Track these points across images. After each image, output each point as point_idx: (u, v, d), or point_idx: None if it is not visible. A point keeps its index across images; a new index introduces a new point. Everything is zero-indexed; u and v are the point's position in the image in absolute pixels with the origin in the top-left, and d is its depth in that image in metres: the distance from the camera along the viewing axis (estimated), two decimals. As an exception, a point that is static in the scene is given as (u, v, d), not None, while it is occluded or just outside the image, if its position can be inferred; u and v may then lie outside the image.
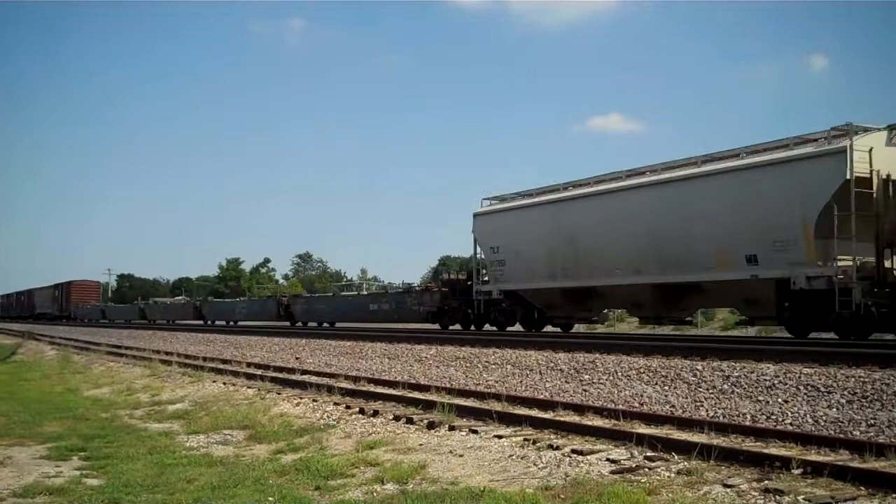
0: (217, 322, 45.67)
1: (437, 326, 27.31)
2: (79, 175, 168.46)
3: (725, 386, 10.59)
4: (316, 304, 37.56)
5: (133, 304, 67.02)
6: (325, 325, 35.21)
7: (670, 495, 5.98)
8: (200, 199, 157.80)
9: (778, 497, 5.68)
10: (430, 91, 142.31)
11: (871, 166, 14.68)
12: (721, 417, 9.13)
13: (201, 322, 47.07)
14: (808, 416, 8.79)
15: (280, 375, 15.54)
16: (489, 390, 11.76)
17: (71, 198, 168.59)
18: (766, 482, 6.03)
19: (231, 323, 43.83)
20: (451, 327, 26.63)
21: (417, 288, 32.11)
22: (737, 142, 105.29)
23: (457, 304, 26.14)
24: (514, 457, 7.60)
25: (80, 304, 70.52)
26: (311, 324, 36.29)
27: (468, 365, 15.10)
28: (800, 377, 10.31)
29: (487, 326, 25.36)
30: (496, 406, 10.10)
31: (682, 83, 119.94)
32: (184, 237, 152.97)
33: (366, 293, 39.57)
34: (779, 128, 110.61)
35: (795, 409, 9.14)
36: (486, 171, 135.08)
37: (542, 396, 11.31)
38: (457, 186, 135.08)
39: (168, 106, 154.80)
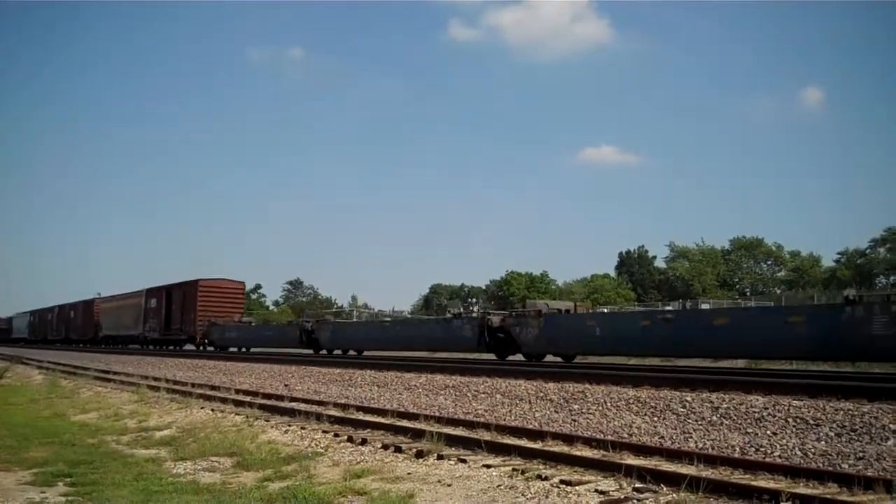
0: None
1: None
2: (62, 197, 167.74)
3: (714, 417, 10.61)
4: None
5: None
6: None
7: (658, 527, 5.96)
8: (189, 224, 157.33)
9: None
10: (423, 122, 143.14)
11: None
12: (710, 449, 9.13)
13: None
14: (797, 448, 8.81)
15: (268, 402, 15.45)
16: (478, 419, 11.74)
17: (50, 220, 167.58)
18: (755, 515, 6.03)
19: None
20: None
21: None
22: (730, 173, 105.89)
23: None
24: (502, 487, 7.57)
25: (225, 319, 42.09)
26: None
27: (458, 394, 15.07)
28: (789, 409, 10.33)
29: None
30: (485, 435, 10.07)
31: (676, 115, 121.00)
32: (172, 262, 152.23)
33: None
34: (774, 159, 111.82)
35: (784, 441, 9.16)
36: (478, 199, 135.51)
37: (531, 426, 11.29)
38: (448, 215, 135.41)
39: (164, 130, 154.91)
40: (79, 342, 59.64)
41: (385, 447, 10.03)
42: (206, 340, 42.37)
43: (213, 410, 15.00)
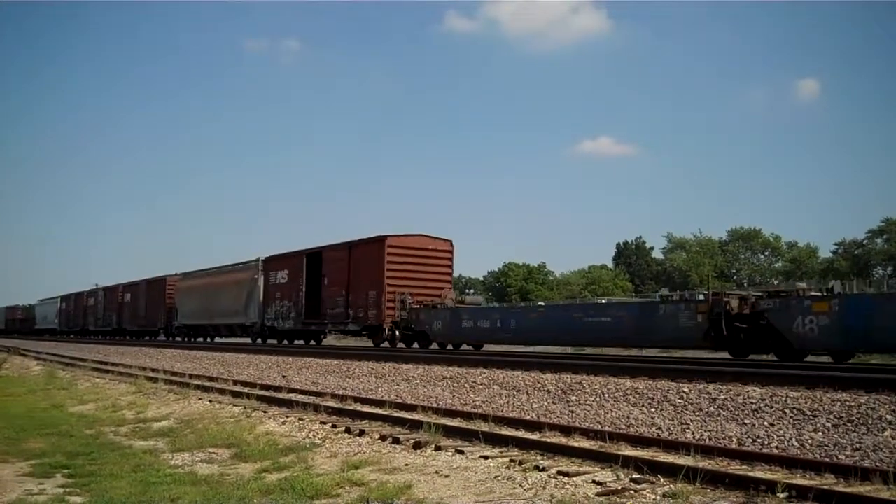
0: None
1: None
2: (62, 190, 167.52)
3: (712, 409, 10.62)
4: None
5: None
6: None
7: (655, 518, 5.98)
8: (192, 213, 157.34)
9: (762, 521, 5.69)
10: (420, 113, 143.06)
11: None
12: (707, 440, 9.14)
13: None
14: (793, 439, 8.82)
15: (266, 394, 15.47)
16: (476, 410, 11.74)
17: (50, 211, 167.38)
18: (751, 506, 6.04)
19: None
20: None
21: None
22: (728, 164, 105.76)
23: None
24: (500, 478, 7.58)
25: (434, 299, 26.45)
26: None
27: (455, 385, 15.07)
28: (786, 400, 10.34)
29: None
30: (483, 426, 10.07)
31: (674, 106, 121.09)
32: (173, 251, 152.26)
33: None
34: (768, 152, 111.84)
35: (781, 432, 9.17)
36: (475, 190, 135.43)
37: (528, 417, 11.30)
38: (444, 206, 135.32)
39: (163, 121, 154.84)
40: (139, 334, 45.57)
41: (383, 438, 10.05)
42: (398, 332, 26.91)
43: (210, 402, 15.01)
